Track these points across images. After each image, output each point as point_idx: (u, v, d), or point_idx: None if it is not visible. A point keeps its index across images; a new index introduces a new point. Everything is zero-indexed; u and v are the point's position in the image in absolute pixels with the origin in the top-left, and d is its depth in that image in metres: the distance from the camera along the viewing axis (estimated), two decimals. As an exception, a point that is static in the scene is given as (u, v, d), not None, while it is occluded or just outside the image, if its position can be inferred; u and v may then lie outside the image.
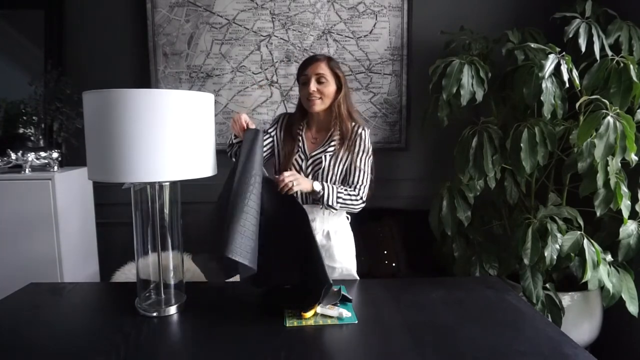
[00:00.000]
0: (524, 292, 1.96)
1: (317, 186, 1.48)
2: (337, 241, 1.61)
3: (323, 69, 1.55)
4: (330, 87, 1.57)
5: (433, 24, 2.48)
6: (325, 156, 1.58)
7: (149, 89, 1.84)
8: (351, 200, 1.55)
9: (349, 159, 1.59)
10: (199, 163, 1.21)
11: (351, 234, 1.70)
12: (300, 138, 1.63)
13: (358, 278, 1.63)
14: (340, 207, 1.53)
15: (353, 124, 1.61)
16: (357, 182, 1.58)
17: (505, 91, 2.22)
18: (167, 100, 1.13)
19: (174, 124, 1.13)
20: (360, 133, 1.59)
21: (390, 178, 2.59)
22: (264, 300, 1.34)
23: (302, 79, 1.59)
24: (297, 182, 1.39)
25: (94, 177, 1.18)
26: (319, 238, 1.60)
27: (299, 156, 1.61)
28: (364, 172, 1.59)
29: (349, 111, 1.61)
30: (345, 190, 1.55)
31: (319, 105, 1.56)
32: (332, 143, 1.59)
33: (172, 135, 1.13)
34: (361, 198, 1.58)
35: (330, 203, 1.50)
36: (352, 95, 1.79)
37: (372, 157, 1.62)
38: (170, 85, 2.55)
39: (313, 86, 1.54)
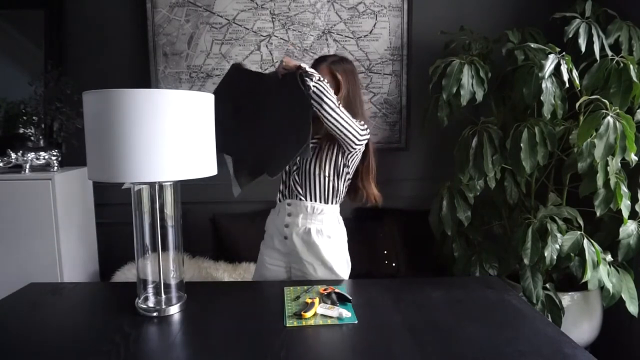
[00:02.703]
0: (524, 292, 1.96)
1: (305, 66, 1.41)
2: (319, 240, 1.53)
3: (323, 71, 1.54)
4: None
5: (433, 24, 2.48)
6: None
7: (149, 89, 1.83)
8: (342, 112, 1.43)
9: (334, 157, 1.53)
10: (199, 163, 1.21)
11: (342, 236, 1.61)
12: None
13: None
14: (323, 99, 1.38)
15: None
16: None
17: (505, 91, 2.21)
18: (167, 100, 1.13)
19: (174, 124, 1.13)
20: None
21: (390, 178, 2.59)
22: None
23: None
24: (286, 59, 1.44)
25: (94, 177, 1.18)
26: (300, 233, 1.54)
27: None
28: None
29: (353, 112, 1.55)
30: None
31: None
32: (316, 137, 1.55)
33: (172, 135, 1.13)
34: (362, 128, 1.48)
35: (314, 79, 1.38)
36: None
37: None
38: (170, 85, 2.55)
39: None
